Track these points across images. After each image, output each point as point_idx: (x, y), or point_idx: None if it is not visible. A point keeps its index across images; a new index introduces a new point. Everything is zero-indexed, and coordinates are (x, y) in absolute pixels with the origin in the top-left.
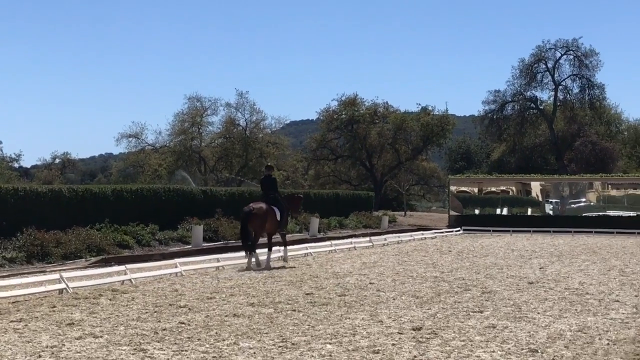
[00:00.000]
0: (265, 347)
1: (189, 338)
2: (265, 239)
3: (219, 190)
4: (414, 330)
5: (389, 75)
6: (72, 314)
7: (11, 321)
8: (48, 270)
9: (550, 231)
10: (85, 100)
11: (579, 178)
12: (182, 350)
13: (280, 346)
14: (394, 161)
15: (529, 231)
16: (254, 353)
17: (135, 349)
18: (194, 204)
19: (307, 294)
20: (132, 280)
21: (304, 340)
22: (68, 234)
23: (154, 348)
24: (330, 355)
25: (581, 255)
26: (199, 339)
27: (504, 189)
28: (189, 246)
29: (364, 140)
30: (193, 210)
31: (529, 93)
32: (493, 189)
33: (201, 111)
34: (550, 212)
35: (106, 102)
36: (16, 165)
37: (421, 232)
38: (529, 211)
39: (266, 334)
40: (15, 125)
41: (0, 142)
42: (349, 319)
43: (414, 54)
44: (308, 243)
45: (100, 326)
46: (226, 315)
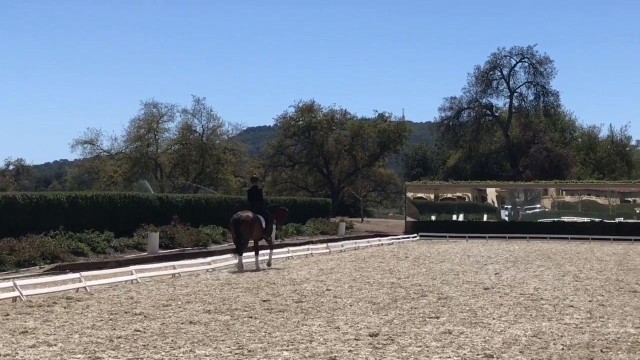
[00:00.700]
0: (221, 355)
1: (144, 346)
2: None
3: (175, 197)
4: (370, 336)
5: (347, 82)
6: (26, 322)
7: None
8: (1, 278)
9: (505, 237)
10: (40, 105)
11: (534, 184)
12: (138, 358)
13: (236, 353)
14: (351, 168)
15: (485, 237)
16: None
17: (89, 357)
18: (150, 210)
19: (264, 301)
20: (87, 287)
21: (261, 347)
22: (22, 241)
23: (109, 356)
24: None
25: (536, 261)
26: (155, 347)
27: (460, 195)
28: (145, 253)
29: (321, 146)
30: (149, 217)
31: (484, 100)
32: (449, 196)
33: (157, 117)
34: (506, 219)
35: (61, 108)
36: None
37: (378, 239)
38: (485, 217)
39: (222, 341)
40: None
41: None
42: (306, 325)
43: (371, 61)
44: (265, 250)
45: (55, 334)
46: (182, 323)
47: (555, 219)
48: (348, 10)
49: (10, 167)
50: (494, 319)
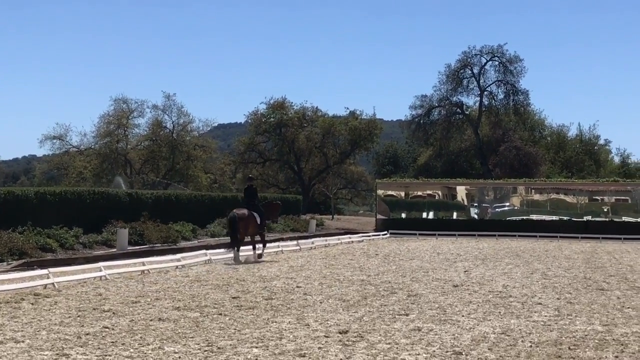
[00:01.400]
0: (190, 352)
1: (112, 343)
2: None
3: (145, 194)
4: (340, 333)
5: (318, 80)
6: None
7: None
8: None
9: (475, 235)
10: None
11: (504, 182)
12: (106, 355)
13: (205, 350)
14: (322, 165)
15: (455, 235)
16: (179, 357)
17: (57, 354)
18: (119, 207)
19: (234, 298)
20: (55, 284)
21: (230, 344)
22: None
23: (77, 353)
24: (257, 359)
25: (505, 259)
26: (123, 344)
27: (430, 193)
28: (114, 250)
29: (292, 143)
30: (118, 214)
31: (455, 98)
32: (419, 193)
33: (127, 113)
34: (475, 216)
35: (30, 103)
36: None
37: (348, 236)
38: (455, 215)
39: (192, 338)
40: None
41: None
42: (276, 322)
43: (342, 59)
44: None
45: (22, 331)
46: (151, 320)
47: (524, 217)
48: (320, 8)
49: None
50: (463, 316)
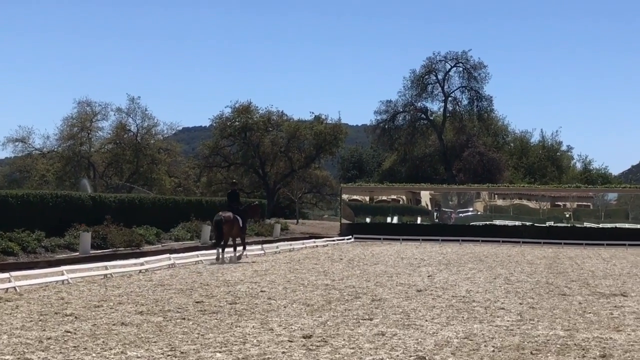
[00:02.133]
0: (153, 356)
1: (74, 347)
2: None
3: (108, 197)
4: (304, 338)
5: (283, 84)
6: None
7: None
8: None
9: (438, 240)
10: None
11: (467, 188)
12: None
13: (169, 355)
14: (287, 169)
15: (419, 240)
16: None
17: (18, 358)
18: (82, 210)
19: (197, 302)
20: (17, 288)
21: (194, 349)
22: None
23: (39, 357)
24: None
25: (468, 264)
26: (85, 348)
27: (395, 197)
28: (77, 253)
29: (257, 147)
30: (81, 217)
31: (419, 104)
32: (384, 198)
33: (91, 116)
34: (436, 220)
35: None
36: None
37: (313, 240)
38: (419, 220)
39: (155, 342)
40: None
41: None
42: (240, 327)
43: (308, 64)
44: (199, 251)
45: None
46: (114, 324)
47: (488, 222)
48: (284, 12)
49: None
50: (426, 320)
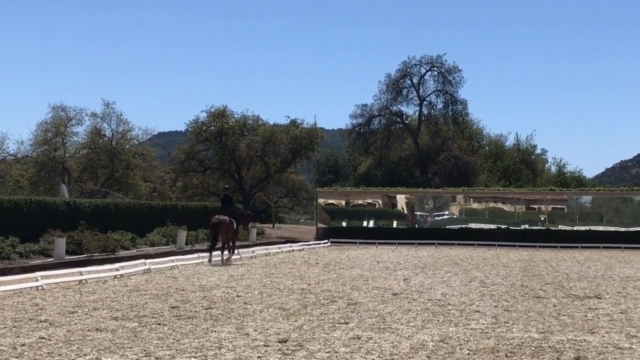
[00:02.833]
0: None
1: (49, 353)
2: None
3: (83, 202)
4: (280, 342)
5: (259, 89)
6: None
7: None
8: None
9: (414, 243)
10: None
11: (443, 191)
12: None
13: None
14: (263, 173)
15: (395, 243)
16: None
17: None
18: (57, 215)
19: (173, 308)
20: None
21: (169, 355)
22: None
23: None
24: None
25: (444, 267)
26: (60, 354)
27: (371, 201)
28: (51, 259)
29: (233, 152)
30: (56, 222)
31: (395, 108)
32: (360, 202)
33: (65, 121)
34: (415, 225)
35: None
36: None
37: (289, 245)
38: (395, 224)
39: (130, 348)
40: None
41: None
42: (215, 332)
43: (283, 68)
44: (175, 256)
45: None
46: (88, 330)
47: (463, 226)
48: (260, 17)
49: None
50: (402, 324)
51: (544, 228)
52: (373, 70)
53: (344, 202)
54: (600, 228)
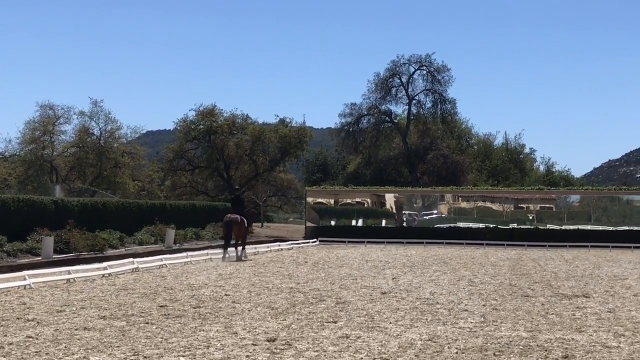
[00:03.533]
0: None
1: (36, 352)
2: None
3: (71, 201)
4: (268, 341)
5: (248, 88)
6: None
7: None
8: None
9: (403, 242)
10: None
11: (431, 190)
12: None
13: (132, 359)
14: (252, 172)
15: (383, 242)
16: None
17: None
18: (44, 214)
19: (161, 306)
20: None
21: (157, 354)
22: None
23: None
24: None
25: (432, 266)
26: (47, 354)
27: (359, 200)
28: (39, 258)
29: (222, 151)
30: (44, 221)
31: (384, 107)
32: (349, 201)
33: (53, 119)
34: (404, 224)
35: None
36: None
37: (278, 243)
38: (383, 222)
39: (117, 347)
40: None
41: None
42: (204, 331)
43: (272, 67)
44: (163, 254)
45: None
46: (76, 329)
47: (452, 225)
48: (250, 16)
49: None
50: (390, 323)
51: (532, 227)
52: (362, 70)
53: (332, 201)
54: (588, 227)
